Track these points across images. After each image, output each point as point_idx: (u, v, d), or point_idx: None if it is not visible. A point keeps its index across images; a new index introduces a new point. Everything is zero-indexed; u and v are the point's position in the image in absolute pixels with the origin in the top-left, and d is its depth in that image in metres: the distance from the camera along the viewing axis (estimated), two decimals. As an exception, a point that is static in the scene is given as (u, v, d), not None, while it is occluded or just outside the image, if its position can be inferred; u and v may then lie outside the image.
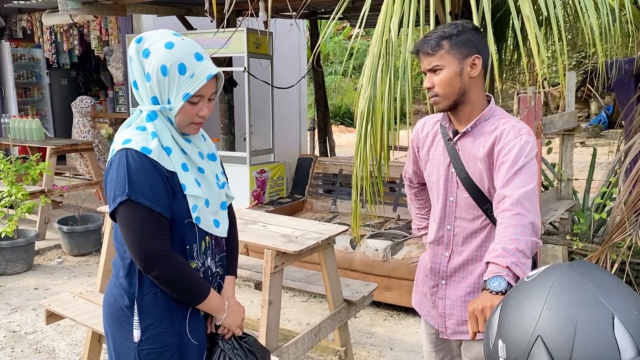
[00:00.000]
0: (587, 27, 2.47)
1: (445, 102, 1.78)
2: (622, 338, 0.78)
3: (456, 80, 1.74)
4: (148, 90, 1.56)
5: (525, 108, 3.06)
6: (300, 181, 5.57)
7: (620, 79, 4.26)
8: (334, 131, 9.61)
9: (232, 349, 1.70)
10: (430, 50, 1.75)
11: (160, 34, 1.58)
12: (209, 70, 1.56)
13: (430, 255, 1.98)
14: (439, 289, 1.93)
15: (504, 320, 0.90)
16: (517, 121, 1.79)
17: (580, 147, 10.39)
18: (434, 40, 1.75)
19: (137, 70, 1.57)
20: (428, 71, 1.79)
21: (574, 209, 4.09)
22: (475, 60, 1.74)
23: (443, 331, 1.95)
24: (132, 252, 1.54)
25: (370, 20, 2.71)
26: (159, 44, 1.54)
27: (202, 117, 1.60)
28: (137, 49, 1.56)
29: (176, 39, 1.56)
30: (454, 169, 1.83)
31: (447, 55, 1.74)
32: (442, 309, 1.93)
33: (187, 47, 1.56)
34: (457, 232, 1.87)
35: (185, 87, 1.54)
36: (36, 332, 3.78)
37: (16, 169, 5.13)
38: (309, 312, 4.08)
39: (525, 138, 1.70)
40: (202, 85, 1.55)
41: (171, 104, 1.55)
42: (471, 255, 1.85)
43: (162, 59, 1.52)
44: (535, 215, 1.61)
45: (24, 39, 8.51)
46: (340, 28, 16.78)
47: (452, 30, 1.75)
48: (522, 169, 1.66)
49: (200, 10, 5.50)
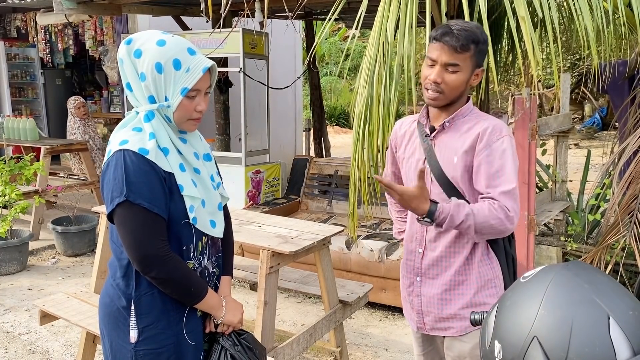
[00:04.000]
0: (581, 29, 2.48)
1: (445, 101, 1.79)
2: (617, 338, 0.79)
3: (464, 85, 1.77)
4: (143, 90, 1.56)
5: (520, 110, 3.07)
6: (296, 182, 5.57)
7: (614, 81, 4.29)
8: (329, 132, 9.62)
9: (232, 345, 1.70)
10: (459, 47, 1.70)
11: (149, 33, 1.58)
12: (204, 63, 1.57)
13: (405, 252, 1.99)
14: (414, 287, 1.94)
15: (500, 321, 0.90)
16: (496, 120, 1.81)
17: (574, 149, 10.44)
18: (464, 39, 1.70)
19: (130, 72, 1.56)
20: (442, 65, 1.74)
21: (569, 211, 4.11)
22: (479, 72, 1.79)
23: (422, 327, 1.95)
24: (129, 254, 1.54)
25: (366, 21, 2.72)
26: (150, 43, 1.54)
27: (200, 112, 1.61)
28: (127, 50, 1.55)
29: (167, 37, 1.57)
30: (428, 165, 1.83)
31: (469, 60, 1.73)
32: (418, 306, 1.93)
33: (179, 43, 1.56)
34: (430, 228, 1.87)
35: (182, 81, 1.54)
36: (30, 333, 3.76)
37: (10, 169, 5.11)
38: (304, 312, 4.08)
39: (507, 140, 1.76)
40: (199, 78, 1.55)
41: (169, 101, 1.55)
42: (445, 252, 1.86)
43: (155, 57, 1.52)
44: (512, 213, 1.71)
45: (18, 38, 8.47)
46: (336, 29, 16.80)
47: (480, 35, 1.73)
48: (505, 169, 1.73)
49: (196, 10, 5.49)
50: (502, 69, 4.34)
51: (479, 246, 1.84)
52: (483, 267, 1.84)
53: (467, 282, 1.84)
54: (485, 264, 1.85)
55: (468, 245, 1.83)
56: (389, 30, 2.56)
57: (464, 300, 1.85)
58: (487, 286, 1.85)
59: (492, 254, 1.86)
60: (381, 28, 2.59)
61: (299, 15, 6.16)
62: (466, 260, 1.83)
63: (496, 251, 1.87)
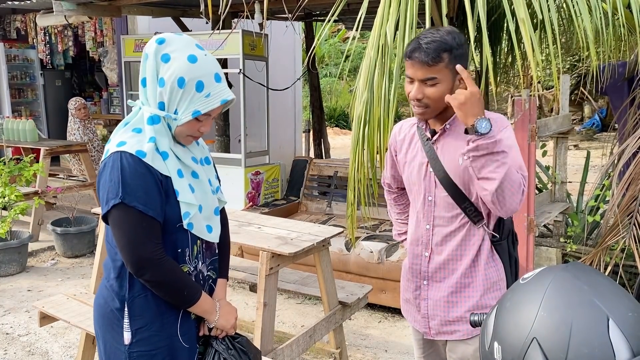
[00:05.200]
0: (581, 31, 2.48)
1: (434, 113, 1.76)
2: (616, 340, 0.79)
3: (448, 93, 1.71)
4: (157, 94, 1.54)
5: (519, 111, 3.07)
6: (295, 183, 5.57)
7: (614, 82, 4.29)
8: (329, 133, 9.62)
9: (226, 349, 1.70)
10: (430, 61, 1.65)
11: (184, 42, 1.55)
12: (225, 95, 1.55)
13: (410, 256, 1.97)
14: (421, 291, 1.93)
15: (499, 322, 0.90)
16: (495, 114, 1.80)
17: (574, 150, 10.44)
18: (434, 52, 1.64)
19: (151, 71, 1.54)
20: (419, 81, 1.70)
21: (568, 212, 4.11)
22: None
23: (427, 332, 1.95)
24: (124, 256, 1.53)
25: (365, 22, 2.72)
26: (181, 54, 1.51)
27: (202, 133, 1.61)
28: (156, 50, 1.53)
29: (200, 53, 1.54)
30: (431, 169, 1.83)
31: (445, 69, 1.67)
32: (424, 309, 1.93)
33: (208, 66, 1.54)
34: (436, 231, 1.87)
35: (197, 104, 1.53)
36: (29, 334, 3.76)
37: (10, 170, 5.11)
38: (304, 314, 4.08)
39: (509, 130, 1.76)
40: (215, 107, 1.55)
41: (178, 115, 1.54)
42: (451, 255, 1.85)
43: (181, 71, 1.50)
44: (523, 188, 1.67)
45: (17, 39, 8.48)
46: (336, 30, 16.81)
47: (452, 41, 1.66)
48: (517, 157, 1.71)
49: (196, 11, 5.50)
50: (502, 70, 4.34)
51: (484, 249, 1.84)
52: (489, 270, 1.84)
53: (474, 284, 1.84)
54: (491, 266, 1.85)
55: (474, 248, 1.83)
56: (388, 32, 2.56)
57: (471, 303, 1.85)
58: (493, 288, 1.85)
59: (497, 256, 1.87)
60: (381, 29, 2.59)
61: (299, 17, 6.16)
62: (472, 263, 1.83)
63: (500, 253, 1.87)
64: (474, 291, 1.84)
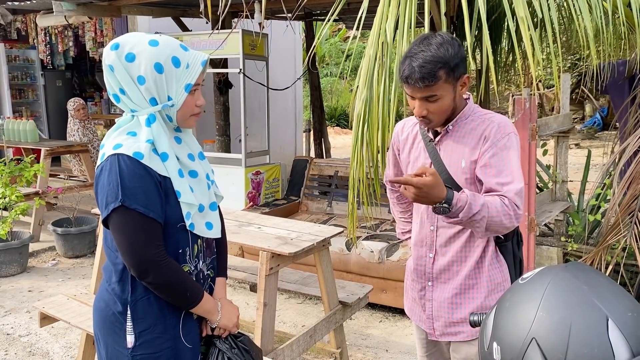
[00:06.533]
0: (581, 29, 2.48)
1: (439, 123, 1.78)
2: (616, 340, 0.78)
3: (451, 103, 1.73)
4: (143, 93, 1.52)
5: (520, 110, 3.07)
6: (296, 183, 5.57)
7: (615, 81, 4.29)
8: (330, 133, 9.62)
9: (229, 348, 1.70)
10: (429, 82, 1.64)
11: (136, 36, 1.55)
12: (200, 56, 1.56)
13: (414, 257, 1.97)
14: (426, 291, 1.93)
15: (498, 322, 0.90)
16: (500, 117, 1.79)
17: (575, 149, 10.43)
18: (428, 73, 1.63)
19: (123, 77, 1.51)
20: (420, 99, 1.69)
21: (569, 211, 4.10)
22: (465, 80, 1.74)
23: (431, 333, 1.95)
24: (126, 259, 1.52)
25: (366, 21, 2.72)
26: (142, 45, 1.51)
27: (199, 107, 1.61)
28: (117, 56, 1.51)
29: (156, 37, 1.54)
30: (435, 170, 1.82)
31: (444, 85, 1.67)
32: (429, 310, 1.93)
33: (171, 42, 1.55)
34: (440, 232, 1.86)
35: (184, 78, 1.53)
36: (30, 335, 3.76)
37: (10, 171, 5.11)
38: (304, 314, 4.08)
39: (513, 137, 1.75)
40: (200, 72, 1.56)
41: (173, 100, 1.54)
42: (456, 256, 1.85)
43: (153, 57, 1.50)
44: (520, 211, 1.68)
45: (18, 40, 8.49)
46: (336, 30, 16.81)
47: (445, 54, 1.64)
48: (514, 168, 1.71)
49: (196, 11, 5.49)
50: (502, 69, 4.34)
51: (489, 250, 1.83)
52: (493, 271, 1.84)
53: (478, 285, 1.84)
54: (495, 267, 1.85)
55: (478, 249, 1.83)
56: (388, 31, 2.55)
57: (475, 304, 1.84)
58: (497, 290, 1.85)
59: (501, 257, 1.86)
60: (380, 28, 2.59)
61: (299, 16, 6.16)
62: (476, 264, 1.83)
63: (505, 254, 1.87)
64: (478, 292, 1.84)
